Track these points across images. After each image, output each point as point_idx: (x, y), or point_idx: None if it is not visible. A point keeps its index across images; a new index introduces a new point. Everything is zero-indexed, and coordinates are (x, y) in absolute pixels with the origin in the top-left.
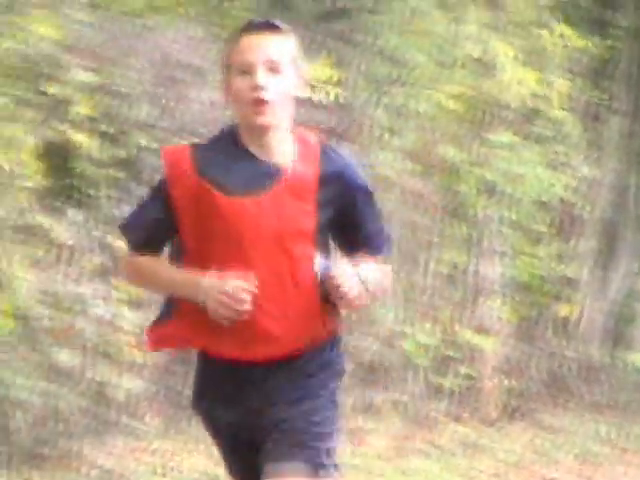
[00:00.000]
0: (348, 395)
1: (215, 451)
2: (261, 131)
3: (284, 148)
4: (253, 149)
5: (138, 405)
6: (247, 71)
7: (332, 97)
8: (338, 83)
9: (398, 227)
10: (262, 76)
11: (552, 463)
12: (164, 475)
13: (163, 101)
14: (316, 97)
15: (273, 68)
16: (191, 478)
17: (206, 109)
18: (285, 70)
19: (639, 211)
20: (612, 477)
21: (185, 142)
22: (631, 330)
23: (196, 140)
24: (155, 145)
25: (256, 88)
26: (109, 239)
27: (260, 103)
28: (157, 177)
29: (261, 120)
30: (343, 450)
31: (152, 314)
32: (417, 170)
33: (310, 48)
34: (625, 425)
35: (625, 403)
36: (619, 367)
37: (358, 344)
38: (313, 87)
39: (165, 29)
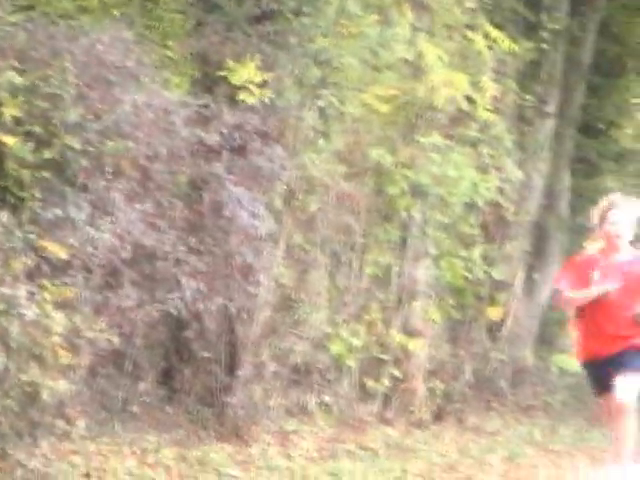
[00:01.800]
0: (278, 397)
1: (141, 452)
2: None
3: None
4: None
5: (66, 407)
6: None
7: (262, 99)
8: (268, 85)
9: (328, 229)
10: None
11: (480, 465)
12: (90, 476)
13: (93, 103)
14: (248, 100)
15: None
16: (117, 478)
17: (136, 111)
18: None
19: (568, 214)
20: (540, 479)
21: (114, 144)
22: (557, 332)
23: (126, 142)
24: (84, 147)
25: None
26: (36, 240)
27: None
28: (86, 179)
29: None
30: (277, 453)
31: (80, 315)
32: (347, 172)
33: (240, 50)
34: (552, 427)
35: (552, 405)
36: (546, 369)
37: (288, 346)
38: (244, 89)
39: (94, 31)
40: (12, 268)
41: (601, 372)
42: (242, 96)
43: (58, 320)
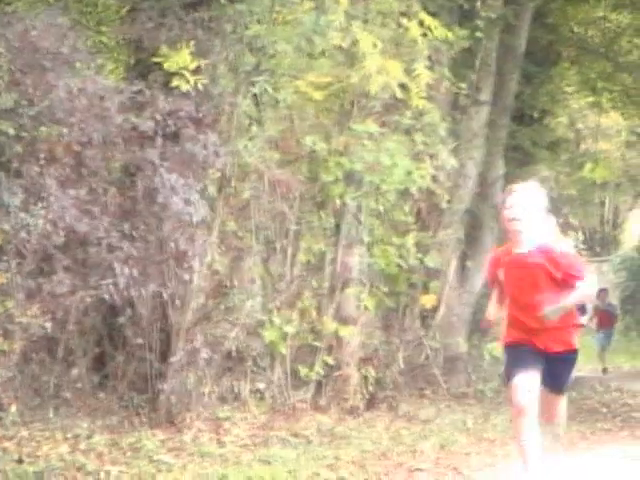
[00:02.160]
0: (211, 384)
1: (74, 438)
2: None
3: None
4: None
5: None
6: None
7: (196, 86)
8: (202, 72)
9: (261, 216)
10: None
11: (413, 452)
12: (22, 461)
13: (26, 88)
14: (182, 86)
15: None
16: (49, 464)
17: (70, 97)
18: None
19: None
20: (473, 466)
21: (48, 130)
22: None
23: (60, 128)
24: (18, 133)
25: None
26: None
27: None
28: (19, 164)
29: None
30: (209, 440)
31: (15, 303)
32: (281, 159)
33: (175, 36)
34: (485, 415)
35: (485, 393)
36: (479, 357)
37: (221, 333)
38: (178, 76)
39: (29, 16)
40: None
41: (530, 357)
42: (176, 82)
43: None
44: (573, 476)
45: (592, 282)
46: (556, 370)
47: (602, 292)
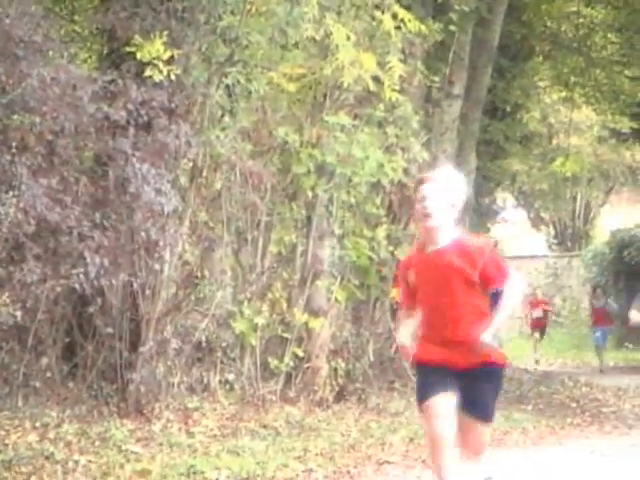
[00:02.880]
0: (181, 374)
1: (43, 427)
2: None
3: None
4: None
5: None
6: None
7: (169, 76)
8: (175, 62)
9: (233, 207)
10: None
11: (381, 445)
12: None
13: (0, 77)
14: (155, 76)
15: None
16: (18, 453)
17: (43, 86)
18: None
19: (474, 195)
20: None
21: (20, 118)
22: None
23: (32, 116)
24: None
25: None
26: None
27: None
28: None
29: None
30: (178, 430)
31: None
32: (253, 150)
33: (148, 26)
34: None
35: None
36: None
37: (192, 324)
38: (151, 66)
39: (2, 4)
40: None
41: (443, 378)
42: (149, 72)
43: None
44: (542, 471)
45: (519, 283)
46: (477, 390)
47: (597, 290)
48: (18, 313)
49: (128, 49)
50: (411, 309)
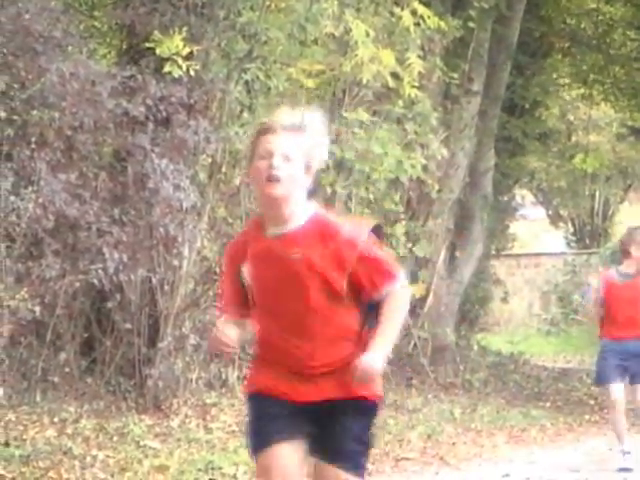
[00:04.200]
0: (199, 370)
1: (61, 423)
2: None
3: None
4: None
5: None
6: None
7: (188, 72)
8: (194, 57)
9: (251, 203)
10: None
11: (399, 441)
12: (8, 444)
13: (18, 72)
14: (174, 72)
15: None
16: (36, 448)
17: (62, 81)
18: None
19: (492, 192)
20: (459, 456)
21: (40, 113)
22: (479, 311)
23: (51, 112)
24: (9, 116)
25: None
26: None
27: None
28: (10, 148)
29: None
30: (196, 426)
31: (1, 285)
32: None
33: (167, 22)
34: (472, 405)
35: (472, 383)
36: (467, 347)
37: (210, 319)
38: (170, 61)
39: (23, 1)
40: None
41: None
42: (168, 68)
43: None
44: (560, 468)
45: (407, 289)
46: (340, 432)
47: None
48: (37, 308)
49: (147, 45)
50: (242, 316)
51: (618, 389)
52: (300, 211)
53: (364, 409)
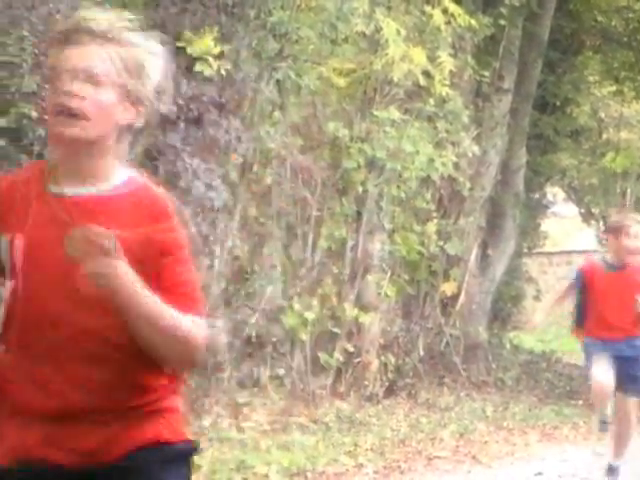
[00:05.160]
0: (233, 370)
1: None
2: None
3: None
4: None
5: None
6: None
7: (219, 71)
8: (225, 57)
9: (283, 202)
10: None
11: (432, 439)
12: None
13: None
14: (205, 71)
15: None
16: None
17: None
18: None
19: (523, 190)
20: (491, 454)
21: None
22: (511, 309)
23: None
24: (41, 115)
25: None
26: None
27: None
28: (42, 147)
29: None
30: (228, 425)
31: None
32: (303, 145)
33: (198, 21)
34: (504, 403)
35: (504, 381)
36: (499, 345)
37: (242, 318)
38: (201, 60)
39: (54, 1)
40: None
41: None
42: (199, 67)
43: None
44: (592, 465)
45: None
46: None
47: None
48: None
49: (178, 44)
50: None
51: (604, 372)
52: (110, 167)
53: (173, 459)
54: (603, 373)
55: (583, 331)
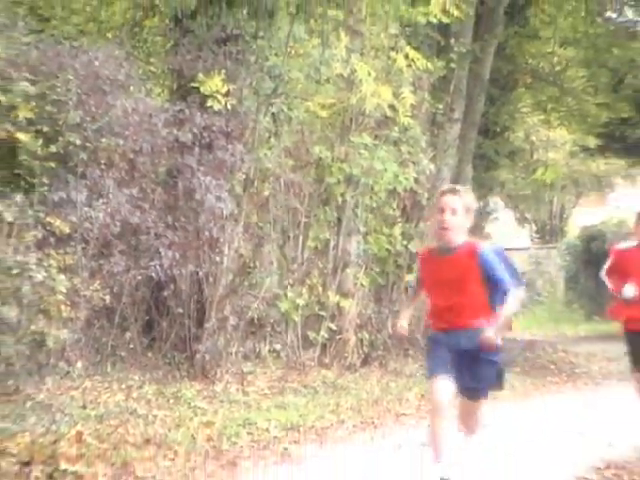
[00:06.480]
0: (237, 345)
1: (127, 389)
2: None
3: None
4: None
5: (67, 351)
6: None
7: (226, 105)
8: (231, 94)
9: (278, 210)
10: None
11: (399, 400)
12: (86, 407)
13: (90, 107)
14: (215, 106)
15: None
16: (108, 409)
17: (125, 115)
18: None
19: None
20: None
21: (107, 141)
22: None
23: (117, 139)
24: (83, 143)
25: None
26: (44, 218)
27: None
28: (84, 168)
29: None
30: (236, 390)
31: (78, 278)
32: (294, 165)
33: (209, 66)
34: None
35: None
36: None
37: (246, 304)
38: (212, 97)
39: (92, 50)
40: (24, 240)
41: None
42: (210, 103)
43: (61, 282)
44: (529, 419)
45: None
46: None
47: None
48: (107, 297)
49: (193, 84)
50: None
51: None
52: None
53: None
54: None
55: None
